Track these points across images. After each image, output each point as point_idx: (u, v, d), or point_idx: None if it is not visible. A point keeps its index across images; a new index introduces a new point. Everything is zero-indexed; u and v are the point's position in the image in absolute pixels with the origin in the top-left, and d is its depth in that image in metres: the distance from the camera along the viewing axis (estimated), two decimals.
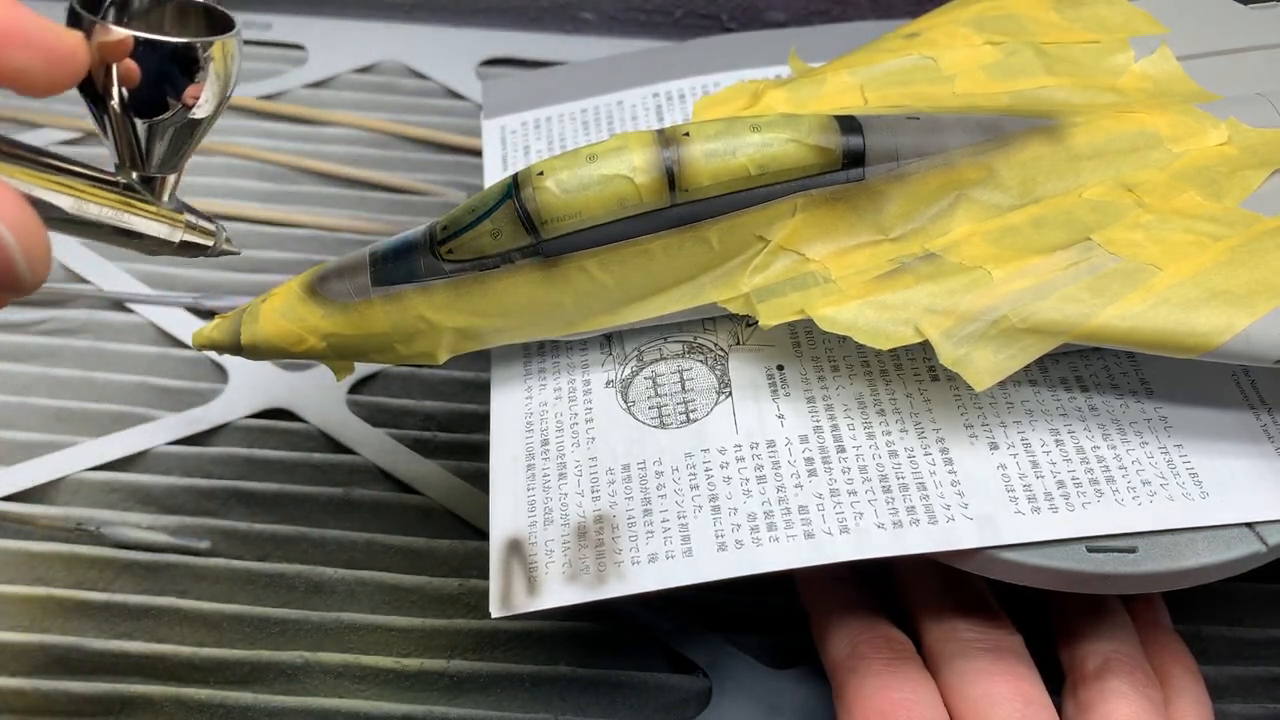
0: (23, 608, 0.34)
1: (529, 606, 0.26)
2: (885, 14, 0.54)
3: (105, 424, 0.39)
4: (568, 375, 0.31)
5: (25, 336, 0.42)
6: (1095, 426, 0.28)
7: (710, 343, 0.31)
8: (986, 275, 0.27)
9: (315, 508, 0.37)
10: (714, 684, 0.32)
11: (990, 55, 0.32)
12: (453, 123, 0.51)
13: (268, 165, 0.48)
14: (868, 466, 0.27)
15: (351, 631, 0.34)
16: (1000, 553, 0.26)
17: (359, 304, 0.29)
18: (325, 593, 0.35)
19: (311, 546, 0.36)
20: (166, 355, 0.41)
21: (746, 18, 0.55)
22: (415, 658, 0.33)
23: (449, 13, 0.56)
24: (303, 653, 0.33)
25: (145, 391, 0.40)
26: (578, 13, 0.56)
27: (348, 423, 0.39)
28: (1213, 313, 0.26)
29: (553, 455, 0.29)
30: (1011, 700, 0.26)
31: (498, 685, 0.32)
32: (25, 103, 0.50)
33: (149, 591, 0.35)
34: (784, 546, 0.26)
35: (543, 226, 0.28)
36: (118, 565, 0.35)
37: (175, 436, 0.38)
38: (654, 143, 0.28)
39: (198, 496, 0.37)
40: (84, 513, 0.36)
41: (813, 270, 0.28)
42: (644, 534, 0.27)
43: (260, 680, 0.33)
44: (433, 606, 0.34)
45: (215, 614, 0.34)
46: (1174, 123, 0.30)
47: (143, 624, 0.34)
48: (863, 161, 0.28)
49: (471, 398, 0.40)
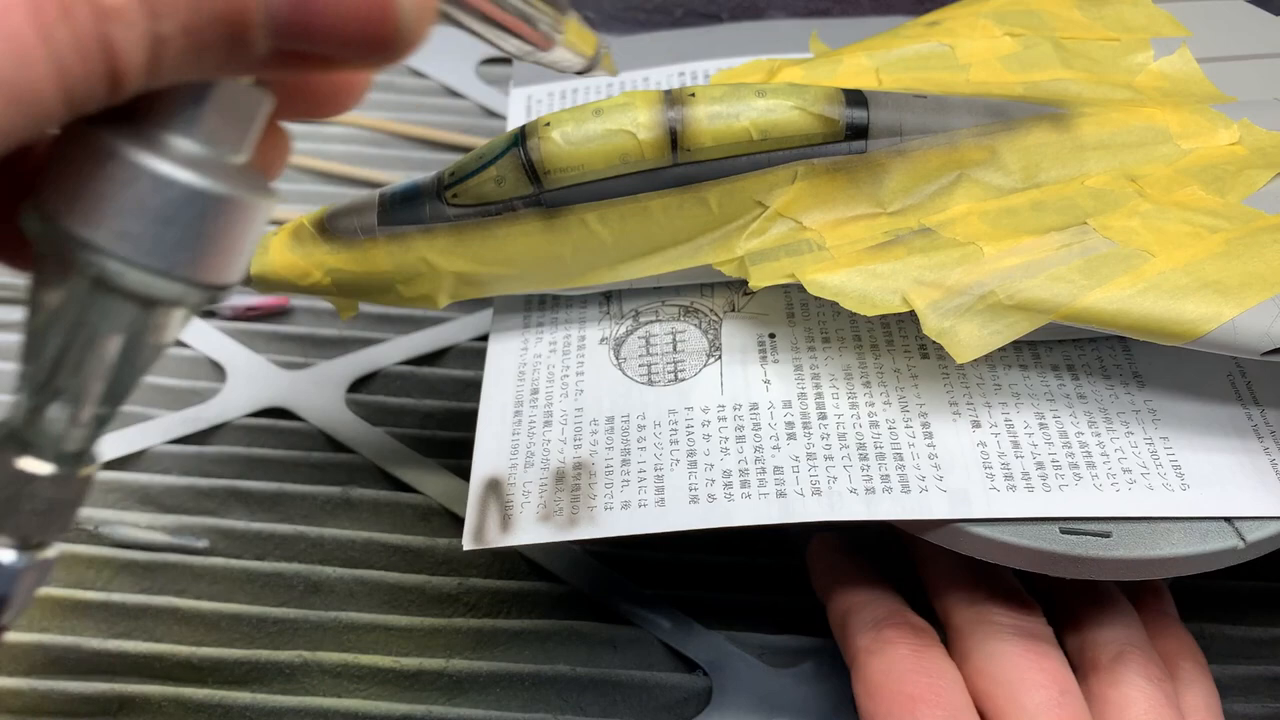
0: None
1: (501, 542, 0.27)
2: (885, 14, 0.53)
3: None
4: (564, 330, 0.32)
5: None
6: (1082, 413, 0.28)
7: (706, 308, 0.31)
8: (978, 251, 0.27)
9: (314, 507, 0.37)
10: (714, 683, 0.32)
11: (1008, 46, 0.33)
12: (452, 121, 0.51)
13: None
14: (847, 434, 0.28)
15: (350, 631, 0.33)
16: (971, 527, 0.26)
17: (364, 242, 0.29)
18: (324, 592, 0.35)
19: (310, 546, 0.36)
20: (165, 354, 0.41)
21: (746, 17, 0.55)
22: (414, 657, 0.33)
23: None
24: (301, 652, 0.33)
25: (144, 390, 0.40)
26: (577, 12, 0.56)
27: (346, 422, 0.39)
28: (1202, 301, 0.26)
29: (540, 404, 0.30)
30: (1047, 687, 0.26)
31: (497, 684, 0.32)
32: None
33: (147, 591, 0.34)
34: (755, 504, 0.27)
35: (545, 177, 0.28)
36: (116, 564, 0.35)
37: (174, 435, 0.38)
38: (660, 101, 0.28)
39: (196, 495, 0.37)
40: (82, 511, 0.36)
41: (808, 238, 0.29)
42: (620, 482, 0.28)
43: (259, 680, 0.32)
44: (432, 606, 0.34)
45: (214, 613, 0.34)
46: (1185, 120, 0.30)
47: (141, 623, 0.34)
48: (866, 134, 0.28)
49: (471, 397, 0.40)
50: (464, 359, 0.42)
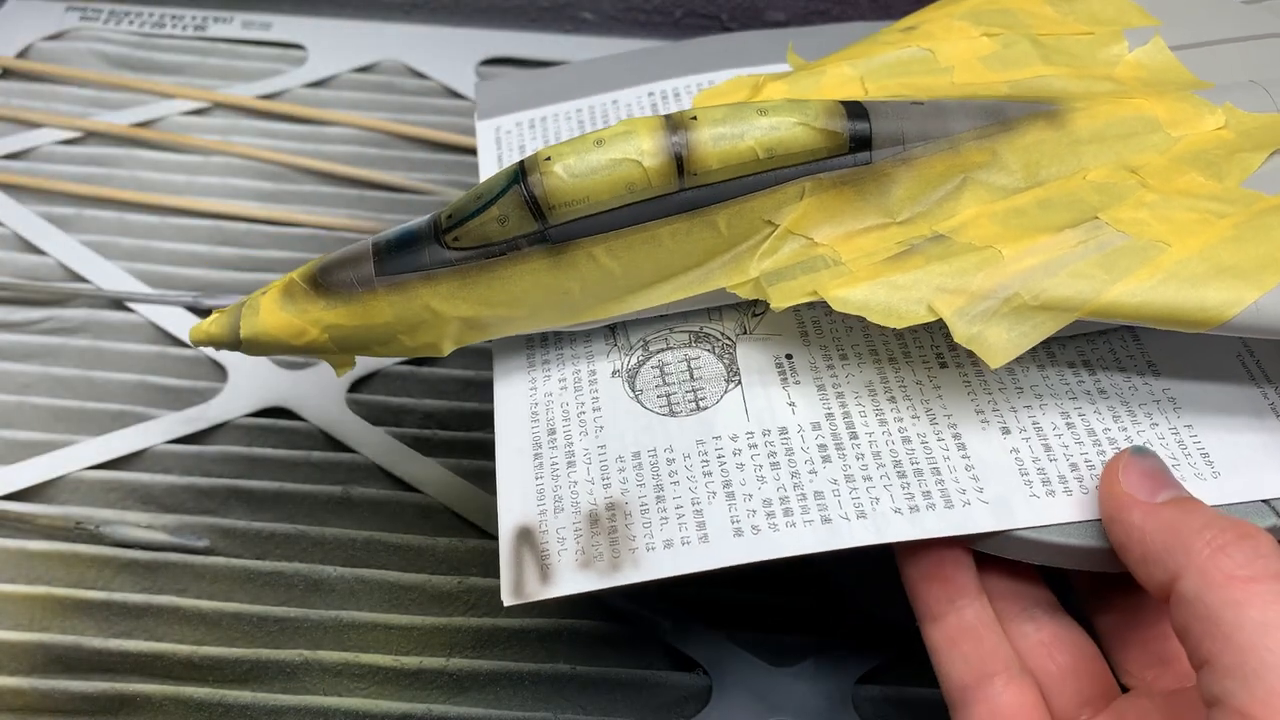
0: (22, 606, 0.34)
1: (543, 594, 0.26)
2: (884, 14, 0.54)
3: (104, 423, 0.39)
4: (572, 366, 0.31)
5: (25, 335, 0.41)
6: (1105, 409, 0.28)
7: (717, 331, 0.31)
8: (997, 254, 0.27)
9: (314, 506, 0.37)
10: (714, 682, 0.32)
11: (987, 47, 0.32)
12: (452, 122, 0.51)
13: (267, 164, 0.48)
14: (881, 452, 0.27)
15: (351, 630, 0.33)
16: (1019, 532, 0.26)
17: (363, 294, 0.28)
18: (324, 591, 0.35)
19: (311, 545, 0.36)
20: (166, 354, 0.41)
21: (746, 17, 0.55)
22: (414, 656, 0.33)
23: (449, 12, 0.56)
24: (302, 651, 0.33)
25: (144, 390, 0.40)
26: (577, 13, 0.56)
27: (347, 421, 0.39)
28: (1222, 287, 0.26)
29: (560, 444, 0.29)
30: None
31: (497, 683, 0.32)
32: (26, 101, 0.50)
33: (148, 590, 0.35)
34: (800, 532, 0.26)
35: (550, 212, 0.27)
36: (117, 564, 0.35)
37: (174, 435, 0.38)
38: (661, 127, 0.28)
39: (197, 495, 0.37)
40: (83, 511, 0.36)
41: (821, 254, 0.28)
42: (658, 520, 0.27)
43: (259, 679, 0.33)
44: (432, 605, 0.34)
45: (214, 612, 0.34)
46: (1171, 108, 0.30)
47: (142, 622, 0.34)
48: (869, 145, 0.28)
49: (471, 396, 0.40)
50: (464, 358, 0.42)
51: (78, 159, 0.48)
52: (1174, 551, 0.23)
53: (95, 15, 0.55)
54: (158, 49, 0.54)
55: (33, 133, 0.49)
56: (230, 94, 0.51)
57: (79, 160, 0.48)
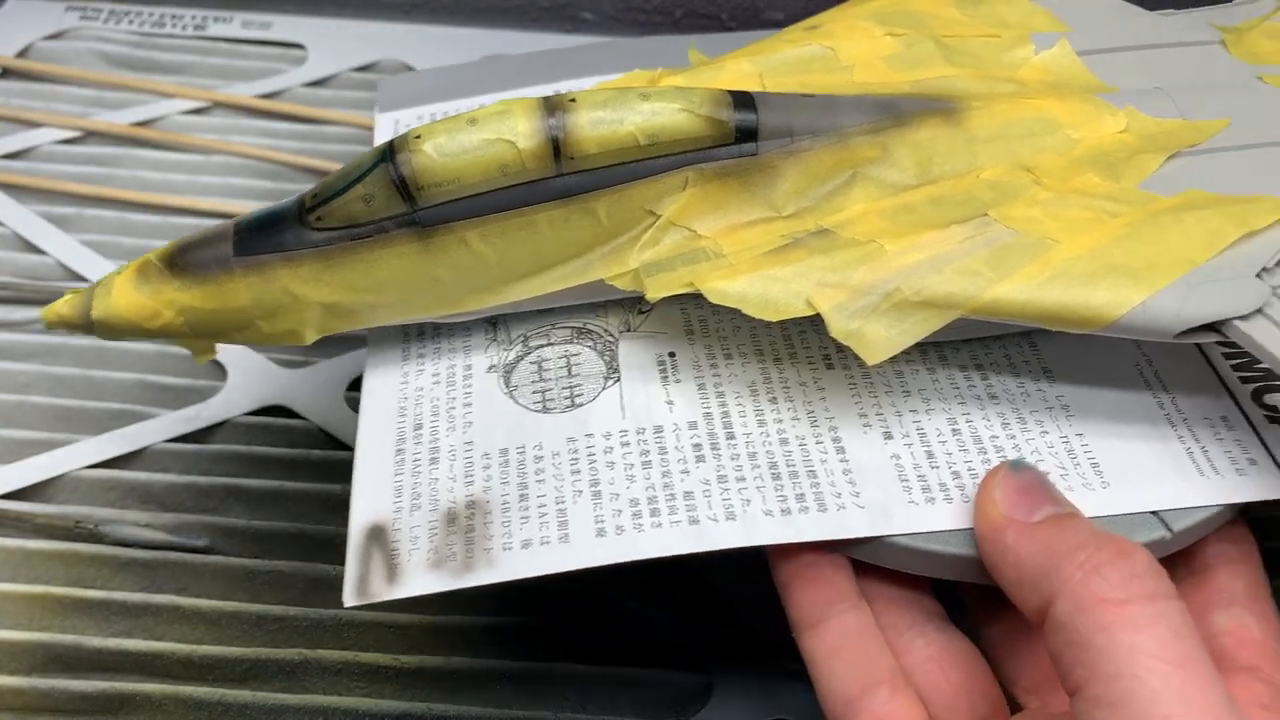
0: (21, 606, 0.34)
1: (388, 595, 0.25)
2: None
3: (104, 422, 0.39)
4: (448, 360, 0.30)
5: (24, 335, 0.41)
6: (994, 414, 0.28)
7: (600, 328, 0.30)
8: (880, 249, 0.26)
9: (314, 505, 0.37)
10: (714, 681, 0.32)
11: (890, 47, 0.32)
12: None
13: (267, 164, 0.48)
14: (757, 453, 0.27)
15: (350, 629, 0.33)
16: (898, 539, 0.25)
17: (219, 275, 0.27)
18: (324, 590, 0.35)
19: (310, 544, 0.36)
20: (165, 353, 0.41)
21: (746, 17, 0.55)
22: (414, 655, 0.33)
23: (449, 12, 0.56)
24: (301, 650, 0.33)
25: (144, 389, 0.40)
26: (577, 13, 0.56)
27: (346, 419, 0.39)
28: (1111, 286, 0.25)
29: (425, 440, 0.28)
30: None
31: (497, 682, 0.32)
32: (26, 101, 0.50)
33: (147, 589, 0.34)
34: (666, 533, 0.25)
35: (419, 193, 0.27)
36: (116, 563, 0.35)
37: (174, 434, 0.38)
38: (539, 109, 0.27)
39: (196, 494, 0.37)
40: (82, 510, 0.36)
41: (704, 246, 0.28)
42: (518, 520, 0.26)
43: (259, 678, 0.32)
44: (431, 604, 0.34)
45: (214, 611, 0.34)
46: (1073, 110, 0.30)
47: (141, 622, 0.34)
48: (756, 136, 0.27)
49: None
50: None
51: (78, 158, 0.48)
52: (1049, 574, 0.22)
53: (95, 15, 0.55)
54: (158, 48, 0.54)
55: (33, 132, 0.49)
56: (230, 93, 0.51)
57: (79, 160, 0.48)
